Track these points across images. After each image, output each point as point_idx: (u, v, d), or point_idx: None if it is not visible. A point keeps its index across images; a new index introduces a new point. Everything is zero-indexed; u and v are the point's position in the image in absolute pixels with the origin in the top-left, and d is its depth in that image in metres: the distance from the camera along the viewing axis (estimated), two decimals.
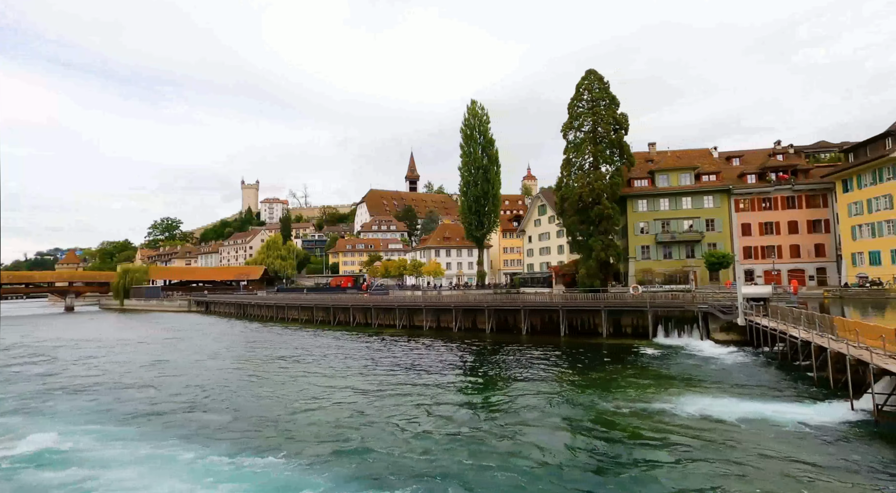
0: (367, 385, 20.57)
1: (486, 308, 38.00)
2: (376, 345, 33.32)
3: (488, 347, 31.11)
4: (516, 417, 15.39)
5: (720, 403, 15.57)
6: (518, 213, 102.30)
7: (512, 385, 20.05)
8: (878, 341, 15.05)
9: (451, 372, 23.04)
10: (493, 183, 64.20)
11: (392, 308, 44.50)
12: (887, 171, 44.87)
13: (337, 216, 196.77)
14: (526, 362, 25.21)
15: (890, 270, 44.36)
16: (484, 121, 65.00)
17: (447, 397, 18.29)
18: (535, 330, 36.04)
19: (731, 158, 59.49)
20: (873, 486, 9.67)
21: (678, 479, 10.08)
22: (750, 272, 52.77)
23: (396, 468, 11.44)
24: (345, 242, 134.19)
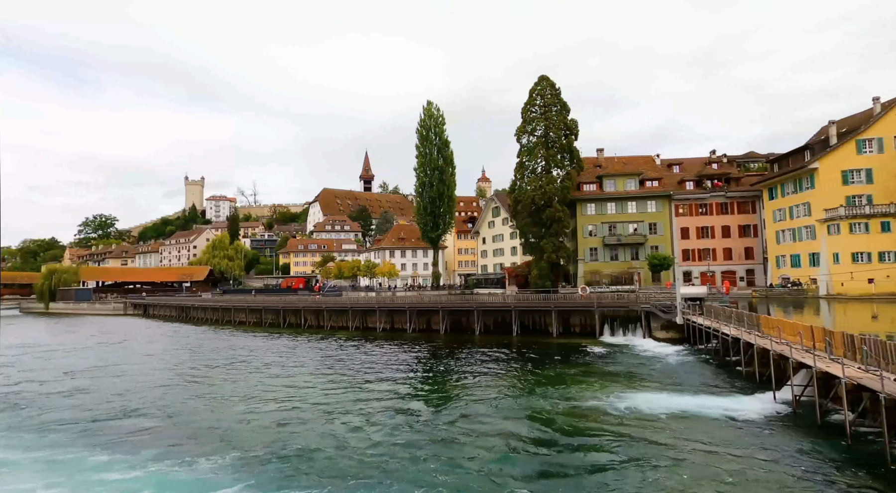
0: (315, 388, 20.04)
1: (441, 309, 38.12)
2: (328, 347, 32.59)
3: (442, 347, 31.20)
4: (465, 417, 15.51)
5: (658, 398, 16.40)
6: (473, 214, 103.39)
7: (463, 385, 20.21)
8: (797, 338, 16.40)
9: (404, 373, 22.92)
10: (449, 184, 64.53)
11: (345, 310, 43.70)
12: (806, 181, 49.02)
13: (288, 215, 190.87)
14: (478, 361, 25.50)
15: (808, 272, 48.49)
16: (440, 122, 65.20)
17: (398, 398, 18.16)
18: (488, 330, 36.54)
19: (671, 166, 62.96)
20: (790, 467, 10.50)
21: (617, 473, 10.51)
22: (688, 274, 56.05)
23: (335, 470, 11.23)
24: (296, 243, 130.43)
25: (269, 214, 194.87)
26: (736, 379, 19.01)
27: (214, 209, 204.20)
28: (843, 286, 44.83)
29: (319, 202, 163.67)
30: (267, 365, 26.23)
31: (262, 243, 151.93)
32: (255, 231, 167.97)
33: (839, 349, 14.48)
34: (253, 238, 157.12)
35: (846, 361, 13.36)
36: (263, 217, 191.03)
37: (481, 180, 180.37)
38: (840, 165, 46.32)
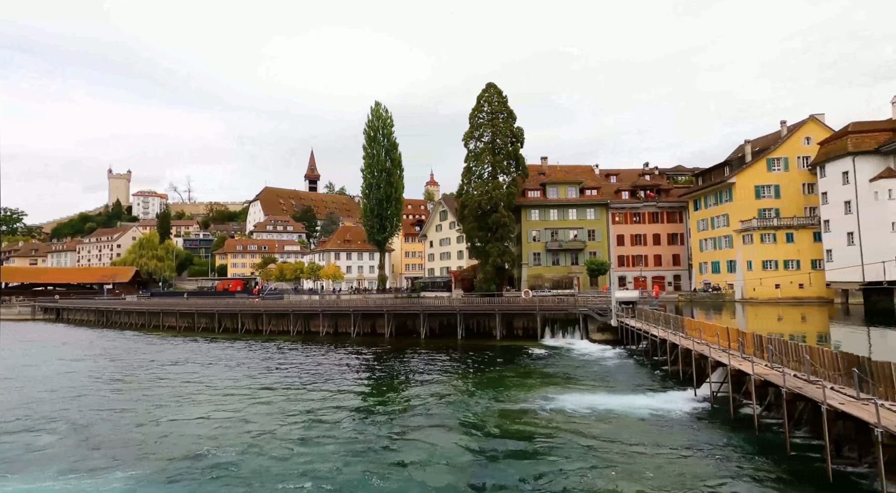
0: (251, 395, 19.24)
1: (386, 313, 37.85)
2: (267, 352, 31.36)
3: (387, 351, 30.99)
4: (407, 420, 15.55)
5: (591, 398, 17.29)
6: (421, 218, 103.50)
7: (407, 388, 20.22)
8: (715, 338, 17.91)
9: (346, 378, 22.55)
10: (397, 187, 64.29)
11: (286, 313, 42.25)
12: (725, 194, 53.50)
13: (226, 214, 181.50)
14: (423, 365, 25.61)
15: (726, 277, 52.91)
16: (388, 124, 64.85)
17: (339, 403, 17.84)
18: (433, 333, 36.73)
19: (609, 176, 66.48)
20: (705, 458, 11.47)
21: (549, 473, 10.95)
22: (623, 278, 59.34)
23: (263, 478, 10.87)
24: (235, 243, 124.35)
25: (205, 212, 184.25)
26: (662, 378, 20.40)
27: (142, 206, 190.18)
28: (754, 291, 49.30)
29: (261, 201, 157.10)
30: (200, 372, 24.83)
31: (197, 243, 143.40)
32: (188, 230, 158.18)
33: (750, 349, 15.99)
34: (186, 237, 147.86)
35: (755, 359, 14.77)
36: (199, 215, 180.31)
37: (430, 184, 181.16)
38: (753, 181, 51.05)
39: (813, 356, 12.87)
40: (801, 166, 49.89)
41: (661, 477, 10.48)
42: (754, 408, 13.53)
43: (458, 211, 58.50)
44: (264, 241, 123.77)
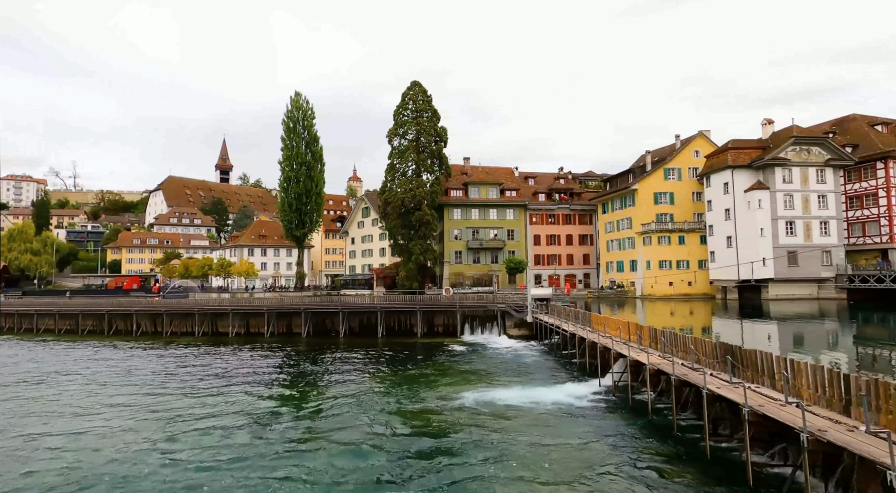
0: (142, 405, 17.40)
1: (303, 311, 36.30)
2: (165, 356, 28.62)
3: (303, 351, 29.73)
4: (316, 422, 15.02)
5: (505, 392, 17.91)
6: (342, 213, 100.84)
7: (320, 389, 19.53)
8: (617, 332, 19.37)
9: (254, 380, 21.25)
10: (317, 181, 61.98)
11: (191, 313, 38.87)
12: (629, 199, 58.22)
13: (121, 205, 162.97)
14: (340, 364, 24.91)
15: (629, 276, 57.66)
16: (309, 116, 62.29)
17: (243, 407, 16.74)
18: (353, 332, 35.92)
19: (528, 178, 69.44)
20: (604, 442, 12.36)
21: (460, 467, 11.15)
22: (539, 276, 62.31)
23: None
24: (131, 236, 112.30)
25: (94, 201, 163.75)
26: (571, 370, 21.70)
27: (14, 192, 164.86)
28: (652, 288, 54.25)
29: (164, 191, 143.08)
30: (79, 381, 21.96)
31: (84, 236, 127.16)
32: (73, 221, 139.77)
33: (646, 341, 17.50)
34: (71, 229, 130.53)
35: (651, 350, 16.19)
36: (87, 205, 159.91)
37: (353, 179, 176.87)
38: (652, 188, 56.16)
39: (696, 347, 14.38)
40: (691, 176, 55.80)
41: (563, 462, 11.12)
42: (649, 395, 14.83)
43: (381, 208, 57.78)
44: (167, 234, 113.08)
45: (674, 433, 12.58)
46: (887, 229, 48.62)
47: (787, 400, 9.85)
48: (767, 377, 11.52)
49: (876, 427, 7.99)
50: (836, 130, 54.38)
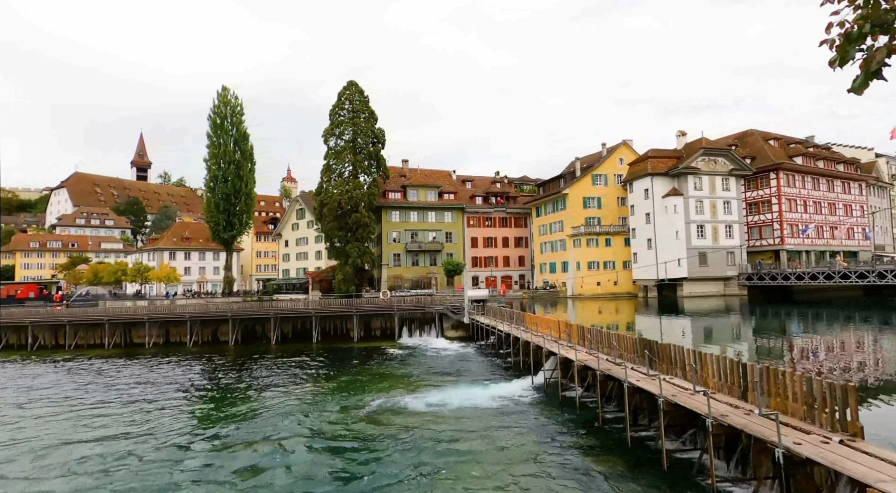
0: (39, 428, 15.61)
1: (231, 318, 34.33)
2: (67, 372, 25.80)
3: (230, 360, 28.10)
4: (247, 431, 14.28)
5: (440, 393, 18.05)
6: (275, 215, 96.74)
7: (251, 398, 18.57)
8: (548, 330, 20.18)
9: (175, 393, 19.78)
10: (247, 180, 58.93)
11: (100, 323, 35.40)
12: (560, 203, 60.93)
13: (16, 203, 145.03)
14: (271, 372, 23.85)
15: (561, 276, 60.28)
16: (238, 112, 59.14)
17: (156, 424, 15.53)
18: (286, 338, 34.56)
19: (465, 182, 70.60)
20: (535, 436, 12.83)
21: (397, 472, 11.11)
22: (476, 278, 63.49)
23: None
24: (28, 239, 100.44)
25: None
26: (506, 369, 22.29)
27: None
28: (582, 288, 57.10)
29: (68, 189, 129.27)
30: None
31: None
32: None
33: (575, 338, 18.40)
34: None
35: (579, 347, 17.04)
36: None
37: (286, 179, 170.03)
38: (582, 193, 59.21)
39: (619, 343, 15.34)
40: (616, 182, 59.52)
41: (494, 459, 11.40)
42: (577, 390, 15.59)
43: (316, 210, 56.11)
44: (73, 237, 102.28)
45: (599, 426, 13.32)
46: (779, 232, 54.81)
47: (696, 389, 10.77)
48: (680, 369, 12.53)
49: (767, 410, 8.96)
50: (738, 143, 60.50)
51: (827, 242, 58.34)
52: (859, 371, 18.12)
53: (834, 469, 6.87)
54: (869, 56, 3.36)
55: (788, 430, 8.04)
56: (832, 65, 3.63)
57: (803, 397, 8.77)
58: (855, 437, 7.73)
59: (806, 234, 55.56)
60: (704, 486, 9.10)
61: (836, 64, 3.59)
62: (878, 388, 15.86)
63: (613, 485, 9.77)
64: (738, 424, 8.71)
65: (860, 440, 7.64)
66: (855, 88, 3.50)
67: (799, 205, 56.63)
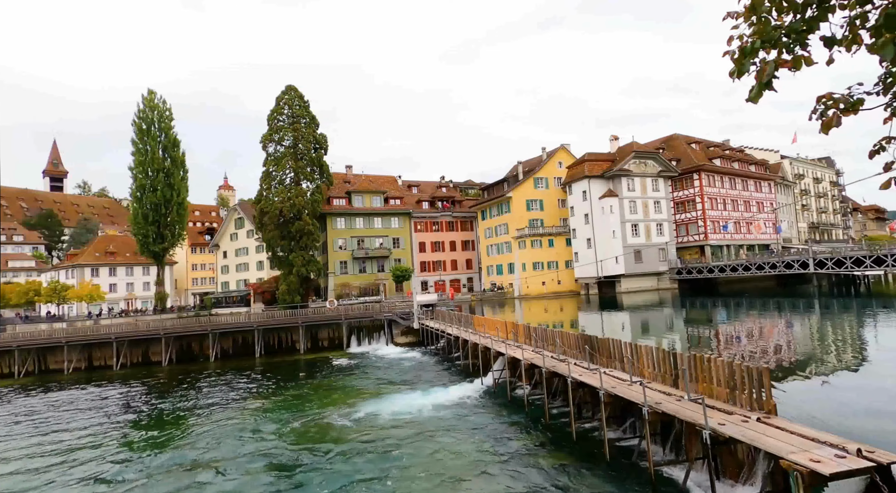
0: None
1: (164, 336, 32.08)
2: None
3: (164, 381, 26.24)
4: (186, 456, 13.38)
5: (390, 400, 17.87)
6: (212, 225, 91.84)
7: (189, 421, 17.42)
8: (496, 332, 20.53)
9: (103, 421, 18.17)
10: (179, 189, 55.52)
11: (8, 349, 31.88)
12: (505, 206, 62.32)
13: None
14: (212, 391, 22.52)
15: (507, 278, 61.58)
16: (166, 117, 55.68)
17: (88, 455, 14.23)
18: (227, 355, 32.82)
19: (411, 187, 70.54)
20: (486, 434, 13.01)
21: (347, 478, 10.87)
22: (425, 283, 63.46)
23: None
24: None
25: None
26: (456, 372, 22.41)
27: None
28: (527, 288, 58.64)
29: None
30: None
31: None
32: None
33: (521, 338, 18.84)
34: None
35: (525, 346, 17.46)
36: None
37: (223, 187, 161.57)
38: (525, 196, 60.92)
39: (562, 340, 15.88)
40: (556, 185, 61.78)
41: (445, 462, 11.44)
42: (524, 388, 15.96)
43: (257, 218, 53.85)
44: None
45: (546, 422, 13.70)
46: (703, 229, 59.21)
47: (633, 380, 11.36)
48: (618, 362, 13.17)
49: (695, 395, 9.61)
50: (664, 146, 64.84)
51: (744, 237, 63.77)
52: (774, 354, 19.90)
53: (753, 445, 7.48)
54: (761, 69, 3.71)
55: (714, 412, 8.67)
56: (732, 76, 3.99)
57: (726, 381, 9.50)
58: (770, 414, 8.48)
59: (726, 230, 60.42)
60: (643, 471, 9.59)
61: (735, 75, 3.95)
62: (788, 367, 17.50)
63: (559, 479, 10.07)
64: (671, 410, 9.27)
65: (774, 417, 8.39)
66: (751, 97, 3.86)
67: (719, 203, 61.51)
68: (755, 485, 7.78)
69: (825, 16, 3.59)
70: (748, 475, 8.26)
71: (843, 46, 3.60)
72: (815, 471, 6.26)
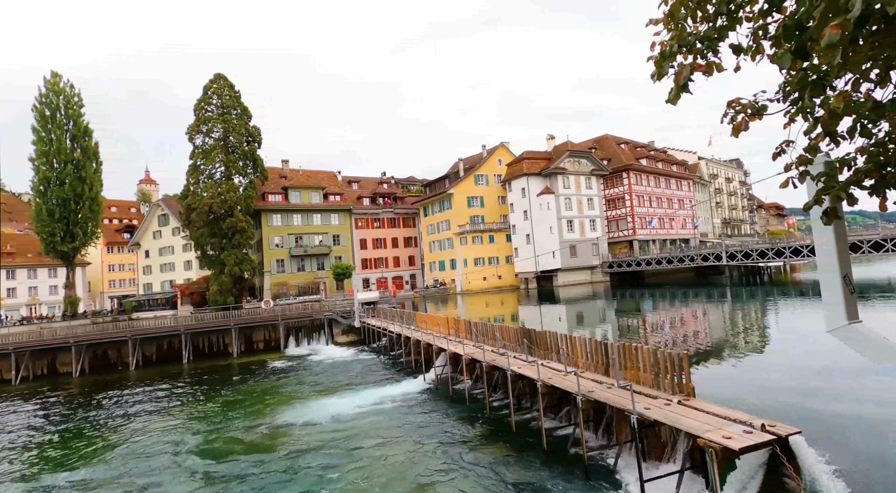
0: None
1: (74, 344, 29.14)
2: None
3: (73, 395, 23.83)
4: (101, 474, 12.26)
5: (331, 400, 17.42)
6: (132, 222, 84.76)
7: (104, 437, 15.94)
8: (437, 328, 20.60)
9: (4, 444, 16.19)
10: (92, 183, 50.53)
11: None
12: (446, 203, 62.67)
13: None
14: (132, 402, 20.76)
15: (450, 274, 62.05)
16: (75, 103, 50.47)
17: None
18: (149, 362, 30.46)
19: (351, 183, 69.04)
20: (428, 429, 13.01)
21: (283, 486, 10.46)
22: (367, 280, 62.47)
23: None
24: None
25: None
26: (398, 369, 22.25)
27: None
28: (469, 284, 59.44)
29: None
30: None
31: None
32: None
33: (463, 334, 19.03)
34: None
35: (466, 342, 17.65)
36: None
37: (145, 181, 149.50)
38: (466, 193, 61.59)
39: (502, 334, 16.22)
40: (496, 182, 63.02)
41: (386, 460, 11.32)
42: (466, 383, 16.14)
43: (183, 215, 50.23)
44: None
45: (487, 415, 13.93)
46: (631, 225, 62.99)
47: (568, 370, 11.82)
48: (555, 353, 13.65)
49: (624, 382, 10.16)
50: (597, 146, 68.15)
51: (667, 232, 68.61)
52: (693, 340, 21.58)
53: (674, 427, 8.02)
54: (678, 72, 3.91)
55: (641, 397, 9.20)
56: (653, 78, 4.18)
57: (651, 367, 10.12)
58: (689, 397, 9.13)
59: (652, 226, 64.68)
60: (578, 457, 10.01)
61: (656, 77, 4.14)
62: (705, 352, 19.04)
63: (498, 471, 10.27)
64: (602, 397, 9.73)
65: (693, 399, 9.05)
66: (670, 98, 4.06)
67: (645, 200, 65.70)
68: (677, 463, 8.35)
69: (734, 25, 3.85)
70: (671, 454, 8.85)
71: (749, 55, 3.88)
72: (727, 447, 6.81)
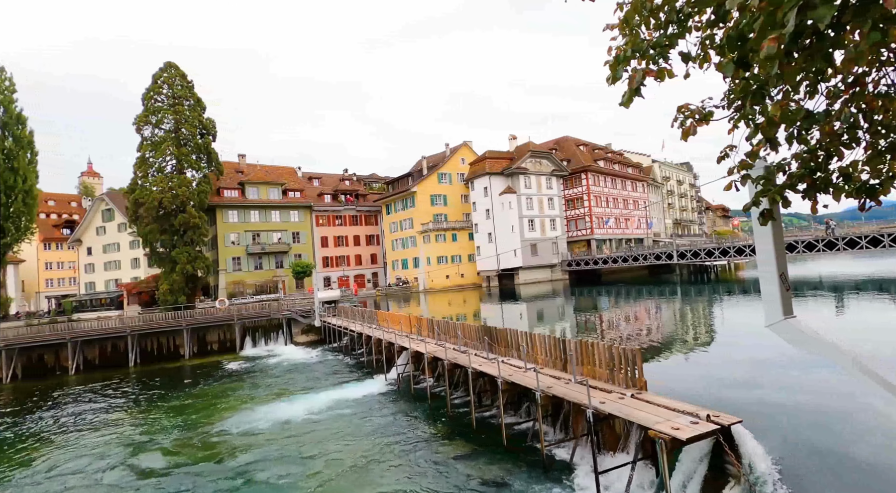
0: None
1: (4, 348, 27.02)
2: None
3: (4, 403, 22.09)
4: (31, 490, 11.45)
5: (289, 403, 16.99)
6: (72, 217, 79.41)
7: (35, 447, 14.87)
8: (399, 326, 20.48)
9: None
10: (25, 174, 46.91)
11: None
12: (409, 201, 62.42)
13: None
14: (70, 408, 19.48)
15: (413, 272, 61.86)
16: (6, 88, 46.72)
17: None
18: (91, 366, 28.67)
19: (312, 179, 67.49)
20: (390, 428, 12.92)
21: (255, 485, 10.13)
22: (328, 279, 61.31)
23: None
24: None
25: None
26: (360, 369, 21.96)
27: None
28: (432, 282, 59.46)
29: None
30: None
31: None
32: None
33: (425, 332, 19.00)
34: None
35: (428, 340, 17.64)
36: None
37: (87, 174, 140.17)
38: (429, 191, 61.53)
39: (463, 332, 16.31)
40: (459, 181, 63.31)
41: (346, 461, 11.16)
42: (427, 381, 16.13)
43: (130, 210, 47.53)
44: None
45: (448, 412, 13.97)
46: (589, 224, 64.90)
47: (527, 367, 12.03)
48: (515, 350, 13.86)
49: (580, 377, 10.44)
50: (557, 147, 69.72)
51: (623, 232, 71.16)
52: (646, 335, 22.48)
53: (627, 420, 8.32)
54: (631, 76, 4.04)
55: (596, 392, 9.49)
56: (608, 81, 4.30)
57: (606, 363, 10.45)
58: (641, 390, 9.50)
59: (608, 225, 66.88)
60: (537, 451, 10.21)
61: (611, 81, 4.26)
62: (656, 347, 19.88)
63: (459, 468, 10.33)
64: (560, 393, 9.97)
65: (645, 392, 9.41)
66: (623, 102, 4.19)
67: (603, 201, 67.84)
68: (630, 454, 8.67)
69: (683, 34, 4.01)
70: (624, 445, 9.19)
71: (697, 63, 4.05)
72: (675, 437, 7.13)
